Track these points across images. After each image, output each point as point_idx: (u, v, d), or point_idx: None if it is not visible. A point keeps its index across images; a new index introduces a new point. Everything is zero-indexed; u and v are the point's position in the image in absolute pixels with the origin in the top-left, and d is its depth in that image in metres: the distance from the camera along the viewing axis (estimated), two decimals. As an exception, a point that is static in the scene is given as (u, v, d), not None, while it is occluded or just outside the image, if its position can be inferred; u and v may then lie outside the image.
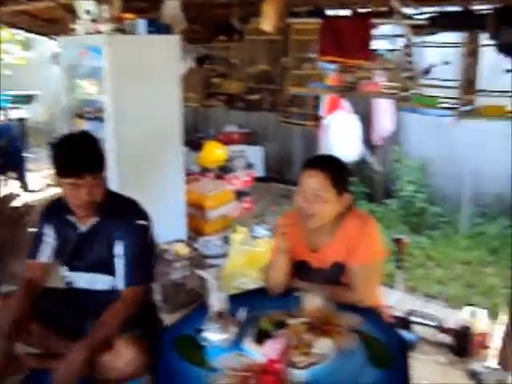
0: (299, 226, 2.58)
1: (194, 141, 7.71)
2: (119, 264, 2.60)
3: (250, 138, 8.41)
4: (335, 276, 2.58)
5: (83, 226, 2.64)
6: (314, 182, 2.45)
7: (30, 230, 5.44)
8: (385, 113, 6.32)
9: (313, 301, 2.36)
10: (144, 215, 2.69)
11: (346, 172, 2.58)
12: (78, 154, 2.47)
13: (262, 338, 2.15)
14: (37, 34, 8.51)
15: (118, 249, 2.60)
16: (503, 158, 5.95)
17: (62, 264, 2.76)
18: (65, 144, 2.54)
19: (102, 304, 2.64)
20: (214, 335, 2.21)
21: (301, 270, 2.66)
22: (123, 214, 2.64)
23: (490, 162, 6.02)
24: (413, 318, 3.96)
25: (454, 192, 6.29)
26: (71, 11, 5.17)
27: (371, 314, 2.46)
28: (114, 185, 4.40)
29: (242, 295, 2.84)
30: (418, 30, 3.69)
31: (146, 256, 2.70)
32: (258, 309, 2.40)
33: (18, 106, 9.34)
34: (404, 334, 2.77)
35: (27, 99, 10.89)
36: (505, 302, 4.48)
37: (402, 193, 6.45)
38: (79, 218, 2.62)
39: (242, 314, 2.32)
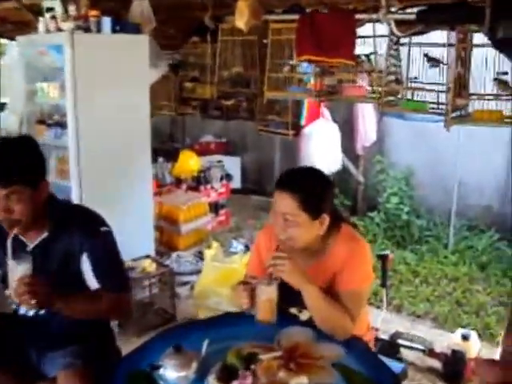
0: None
1: (169, 151, 7.44)
2: (91, 278, 2.29)
3: (227, 148, 8.20)
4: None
5: (31, 244, 2.29)
6: (283, 206, 2.14)
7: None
8: (368, 120, 6.07)
9: (265, 290, 2.08)
10: (104, 221, 2.37)
11: (323, 190, 2.22)
12: None
13: (227, 375, 1.83)
14: (7, 38, 8.18)
15: (87, 262, 2.27)
16: (491, 167, 5.75)
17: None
18: None
19: (49, 332, 2.34)
20: (171, 373, 1.87)
21: (282, 290, 2.34)
22: (82, 224, 2.31)
23: (477, 172, 5.79)
24: (400, 341, 3.66)
25: (440, 204, 6.06)
26: (39, 13, 4.87)
27: (355, 343, 2.14)
28: (75, 197, 4.09)
29: (208, 321, 2.50)
30: (405, 27, 3.41)
31: (121, 263, 2.43)
32: (227, 338, 2.08)
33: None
34: (391, 363, 2.46)
35: (-3, 107, 10.51)
36: (496, 322, 4.24)
37: (386, 205, 6.19)
38: (26, 235, 2.27)
39: (204, 346, 1.98)
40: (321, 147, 5.74)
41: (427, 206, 6.25)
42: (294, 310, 2.28)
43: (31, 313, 2.36)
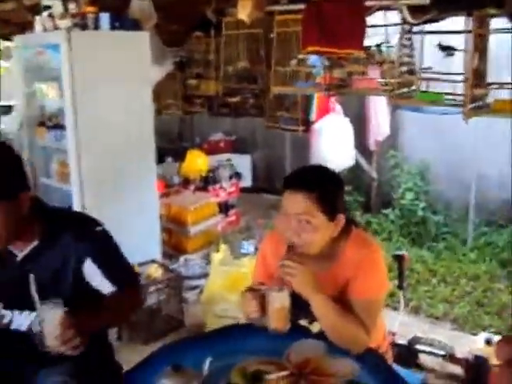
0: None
1: (178, 150, 7.28)
2: (100, 282, 2.14)
3: (236, 146, 8.02)
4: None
5: (20, 253, 2.13)
6: (297, 207, 1.95)
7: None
8: (380, 114, 5.86)
9: (277, 297, 1.91)
10: (96, 221, 2.23)
11: (337, 189, 2.06)
12: None
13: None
14: (10, 41, 8.06)
15: (92, 267, 2.12)
16: (510, 160, 5.52)
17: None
18: None
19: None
20: (169, 395, 1.70)
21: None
22: (75, 229, 2.15)
23: (496, 164, 5.56)
24: (418, 347, 3.47)
25: (458, 199, 5.85)
26: (39, 13, 4.74)
27: (370, 357, 1.96)
28: (76, 201, 3.94)
29: (213, 334, 2.33)
30: (418, 14, 3.21)
31: (124, 257, 2.26)
32: (232, 353, 1.92)
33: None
34: (410, 374, 2.29)
35: (4, 110, 10.44)
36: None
37: (401, 201, 5.98)
38: (13, 245, 2.11)
39: (206, 364, 1.81)
40: (332, 143, 5.55)
41: (444, 201, 6.04)
42: (303, 322, 2.11)
43: (24, 327, 2.21)
